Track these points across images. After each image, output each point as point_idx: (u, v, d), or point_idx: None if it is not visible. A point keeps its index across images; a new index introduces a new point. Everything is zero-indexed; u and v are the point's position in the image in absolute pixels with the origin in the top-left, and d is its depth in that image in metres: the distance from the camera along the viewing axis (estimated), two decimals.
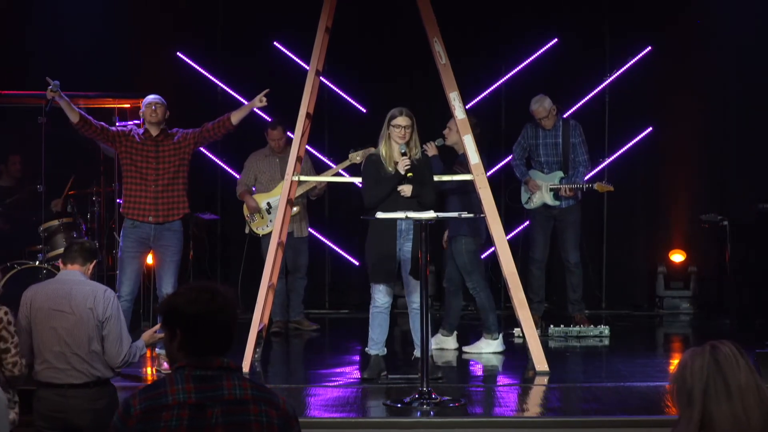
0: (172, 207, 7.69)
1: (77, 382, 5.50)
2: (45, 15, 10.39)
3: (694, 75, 10.58)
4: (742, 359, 2.96)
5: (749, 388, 2.93)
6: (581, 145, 9.18)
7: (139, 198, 7.66)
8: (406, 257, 7.05)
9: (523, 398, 6.90)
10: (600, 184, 9.19)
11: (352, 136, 9.85)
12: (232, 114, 7.83)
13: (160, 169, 7.67)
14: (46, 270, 8.69)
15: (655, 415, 6.03)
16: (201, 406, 3.06)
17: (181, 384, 3.08)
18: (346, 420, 6.06)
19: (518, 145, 9.32)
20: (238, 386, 3.11)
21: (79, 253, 5.72)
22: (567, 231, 9.23)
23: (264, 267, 7.63)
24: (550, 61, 10.63)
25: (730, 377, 2.93)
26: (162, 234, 7.66)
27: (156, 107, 7.71)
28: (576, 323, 9.08)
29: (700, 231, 10.42)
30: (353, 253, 10.63)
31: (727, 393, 2.92)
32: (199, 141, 7.84)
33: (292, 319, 9.51)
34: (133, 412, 3.06)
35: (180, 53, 10.65)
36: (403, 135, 6.99)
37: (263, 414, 3.09)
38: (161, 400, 3.06)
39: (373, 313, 7.18)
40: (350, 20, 9.36)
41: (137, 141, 7.68)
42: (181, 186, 7.74)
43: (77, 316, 5.52)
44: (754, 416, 2.92)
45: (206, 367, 3.11)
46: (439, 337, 8.33)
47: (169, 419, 3.04)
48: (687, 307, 10.42)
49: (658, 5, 10.47)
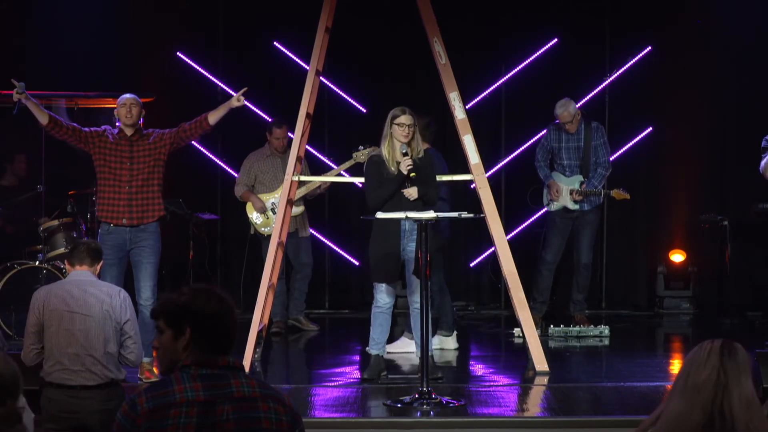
0: (146, 209, 7.46)
1: (91, 383, 5.51)
2: (45, 15, 10.39)
3: (694, 75, 10.58)
4: (717, 358, 2.94)
5: (704, 387, 2.91)
6: (603, 147, 9.21)
7: (112, 200, 7.44)
8: (409, 257, 7.04)
9: (523, 398, 6.90)
10: (617, 192, 9.20)
11: (352, 136, 9.84)
12: (209, 114, 7.58)
13: (134, 170, 7.43)
14: (46, 270, 8.68)
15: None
16: (211, 404, 3.07)
17: (188, 382, 3.09)
18: (346, 420, 6.07)
19: (541, 147, 9.30)
20: (246, 384, 3.14)
21: (87, 254, 5.76)
22: (584, 231, 9.24)
23: (264, 267, 7.63)
24: (550, 61, 10.63)
25: (692, 375, 2.94)
26: (138, 236, 7.43)
27: (131, 107, 7.45)
28: (576, 323, 9.08)
29: (700, 231, 10.42)
30: (353, 253, 10.63)
31: (683, 390, 2.93)
32: (176, 141, 7.57)
33: (292, 316, 9.50)
34: (140, 411, 3.05)
35: (180, 53, 10.65)
36: (406, 134, 6.97)
37: (272, 411, 3.12)
38: (169, 398, 3.07)
39: (374, 313, 7.18)
40: (350, 20, 9.36)
41: (110, 141, 7.44)
42: (156, 187, 7.50)
43: (93, 318, 5.55)
44: (695, 414, 2.90)
45: (213, 365, 3.13)
46: (439, 338, 8.33)
47: (178, 416, 3.05)
48: (687, 307, 10.42)
49: (658, 5, 10.47)
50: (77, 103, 9.38)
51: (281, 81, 10.28)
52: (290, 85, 9.00)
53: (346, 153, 9.49)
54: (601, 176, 9.17)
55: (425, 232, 6.42)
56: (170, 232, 10.08)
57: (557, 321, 9.07)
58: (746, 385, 2.93)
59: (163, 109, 9.28)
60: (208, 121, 7.59)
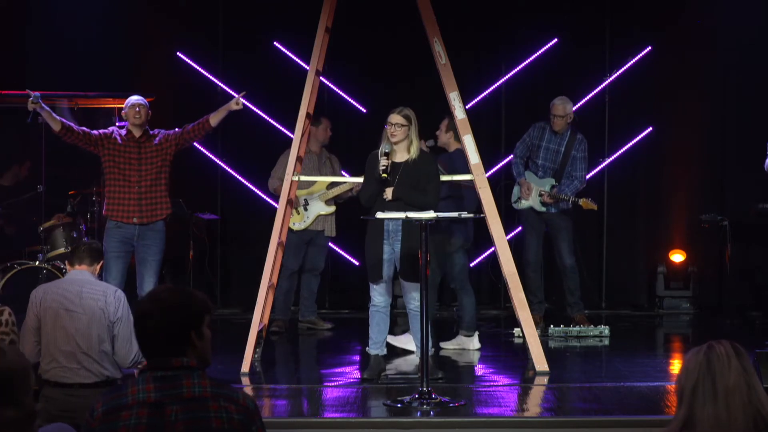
0: (155, 207, 7.73)
1: (87, 381, 5.54)
2: (45, 15, 10.39)
3: (694, 75, 10.58)
4: (736, 360, 2.96)
5: (737, 390, 2.93)
6: (582, 161, 9.13)
7: (122, 200, 7.69)
8: (398, 257, 7.04)
9: (523, 398, 6.89)
10: (585, 201, 9.07)
11: (352, 136, 9.85)
12: (211, 116, 7.84)
13: (142, 171, 7.69)
14: (46, 270, 8.69)
15: (655, 415, 6.03)
16: (160, 405, 3.08)
17: (141, 384, 3.12)
18: (346, 420, 6.06)
19: (522, 143, 9.25)
20: (197, 384, 3.12)
21: (87, 254, 5.79)
22: (559, 236, 9.21)
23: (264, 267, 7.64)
24: (550, 61, 10.64)
25: (719, 379, 2.94)
26: (145, 234, 7.71)
27: (139, 108, 7.70)
28: (576, 323, 9.08)
29: (700, 231, 10.42)
30: (353, 253, 10.63)
31: (714, 394, 2.93)
32: (180, 142, 7.83)
33: (306, 318, 9.50)
34: (95, 415, 3.11)
35: (180, 53, 10.65)
36: (393, 132, 6.97)
37: (223, 410, 3.10)
38: (121, 401, 3.10)
39: (371, 312, 7.20)
40: (350, 20, 9.36)
41: (119, 143, 7.68)
42: (163, 186, 7.77)
43: (88, 316, 5.56)
44: (737, 418, 2.92)
45: (167, 367, 3.13)
46: (461, 339, 8.30)
47: (128, 418, 3.07)
48: (687, 307, 10.42)
49: (659, 5, 10.47)
50: (77, 103, 9.40)
51: (281, 81, 10.28)
52: (290, 85, 9.00)
53: (346, 153, 9.51)
54: (575, 188, 9.10)
55: (425, 233, 6.41)
56: (170, 232, 10.12)
57: (557, 321, 9.07)
58: (760, 383, 2.98)
59: (163, 109, 9.27)
60: (209, 123, 7.84)
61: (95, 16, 10.29)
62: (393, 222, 6.95)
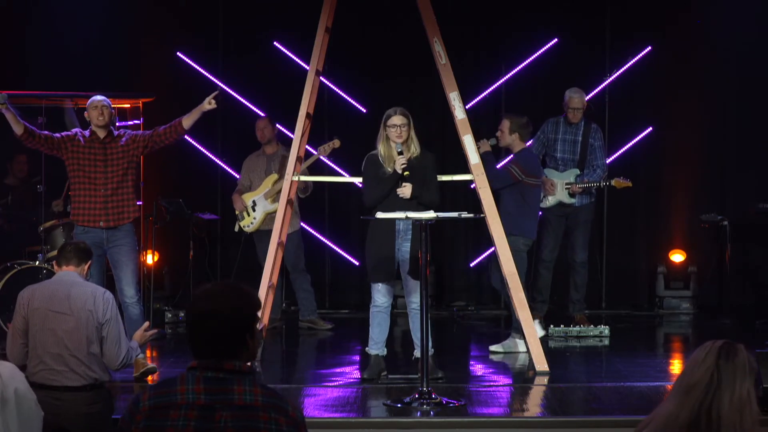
0: (122, 210, 7.47)
1: (74, 384, 5.46)
2: (45, 15, 10.39)
3: (694, 75, 10.58)
4: (750, 375, 2.93)
5: (748, 402, 2.91)
6: (600, 149, 9.15)
7: (88, 203, 7.46)
8: (404, 257, 7.05)
9: (523, 398, 6.89)
10: (617, 180, 9.12)
11: (352, 136, 9.85)
12: (184, 118, 7.58)
13: (108, 172, 7.45)
14: (46, 270, 8.69)
15: None
16: (210, 408, 3.03)
17: (191, 384, 3.06)
18: (346, 420, 6.06)
19: (536, 139, 9.16)
20: (248, 391, 3.06)
21: (74, 254, 5.71)
22: (578, 229, 9.18)
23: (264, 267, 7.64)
24: (550, 61, 10.63)
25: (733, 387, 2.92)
26: (114, 235, 7.45)
27: (103, 110, 7.45)
28: (576, 323, 9.07)
29: (700, 231, 10.42)
30: (353, 253, 10.63)
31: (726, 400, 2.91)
32: (150, 145, 7.57)
33: (305, 318, 9.49)
34: (141, 407, 3.05)
35: (180, 53, 10.65)
36: (399, 134, 6.98)
37: (273, 422, 3.03)
38: (170, 398, 3.05)
39: (372, 312, 7.19)
40: (350, 20, 9.37)
41: (83, 144, 7.45)
42: (130, 189, 7.53)
43: (76, 318, 5.49)
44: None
45: (218, 369, 3.07)
46: (514, 341, 8.17)
47: (177, 418, 3.02)
48: (687, 307, 10.42)
49: (659, 5, 10.47)
50: (77, 103, 9.38)
51: (281, 81, 10.28)
52: (290, 85, 9.00)
53: (345, 153, 9.51)
54: (599, 177, 9.12)
55: (426, 233, 6.42)
56: (170, 232, 10.13)
57: (557, 321, 9.07)
58: (741, 388, 2.90)
59: (163, 109, 9.28)
60: (182, 126, 7.59)
61: (95, 16, 10.28)
62: (403, 222, 6.95)
